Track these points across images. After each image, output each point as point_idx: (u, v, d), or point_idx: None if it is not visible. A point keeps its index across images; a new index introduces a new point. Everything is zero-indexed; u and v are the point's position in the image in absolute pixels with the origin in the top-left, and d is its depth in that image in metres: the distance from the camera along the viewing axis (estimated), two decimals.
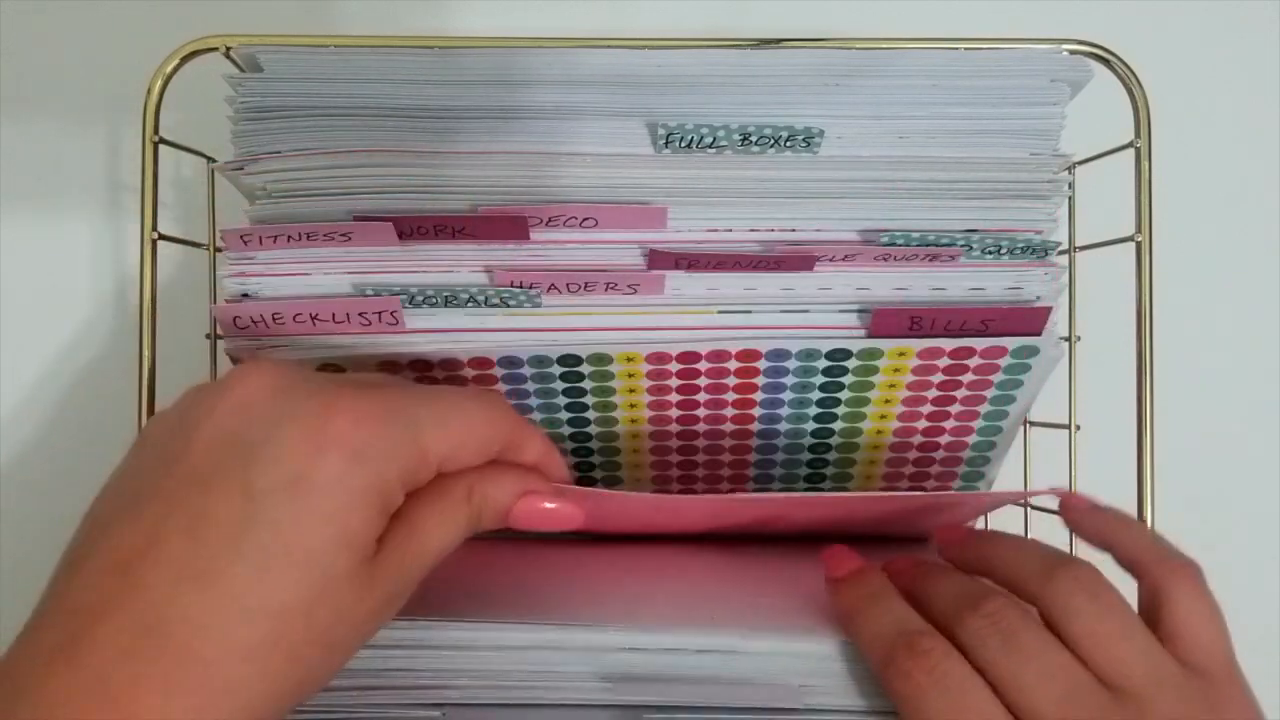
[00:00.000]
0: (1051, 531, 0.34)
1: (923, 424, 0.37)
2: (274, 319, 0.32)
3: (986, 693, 0.26)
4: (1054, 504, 0.34)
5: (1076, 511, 0.32)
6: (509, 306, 0.33)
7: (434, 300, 0.33)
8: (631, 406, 0.36)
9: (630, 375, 0.35)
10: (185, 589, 0.22)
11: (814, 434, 0.38)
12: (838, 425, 0.37)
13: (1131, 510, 0.34)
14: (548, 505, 0.28)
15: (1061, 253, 0.35)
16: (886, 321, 0.33)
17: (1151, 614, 0.28)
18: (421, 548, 0.25)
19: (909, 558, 0.32)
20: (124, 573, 0.22)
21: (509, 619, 0.29)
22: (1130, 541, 0.30)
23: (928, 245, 0.33)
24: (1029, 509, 0.39)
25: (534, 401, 0.36)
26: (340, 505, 0.23)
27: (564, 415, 0.36)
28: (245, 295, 0.33)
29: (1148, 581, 0.29)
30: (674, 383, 0.35)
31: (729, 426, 0.37)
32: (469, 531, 0.27)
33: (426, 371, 0.34)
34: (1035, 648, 0.27)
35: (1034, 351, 0.34)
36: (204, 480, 0.23)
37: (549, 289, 0.33)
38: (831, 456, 0.39)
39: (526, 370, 0.34)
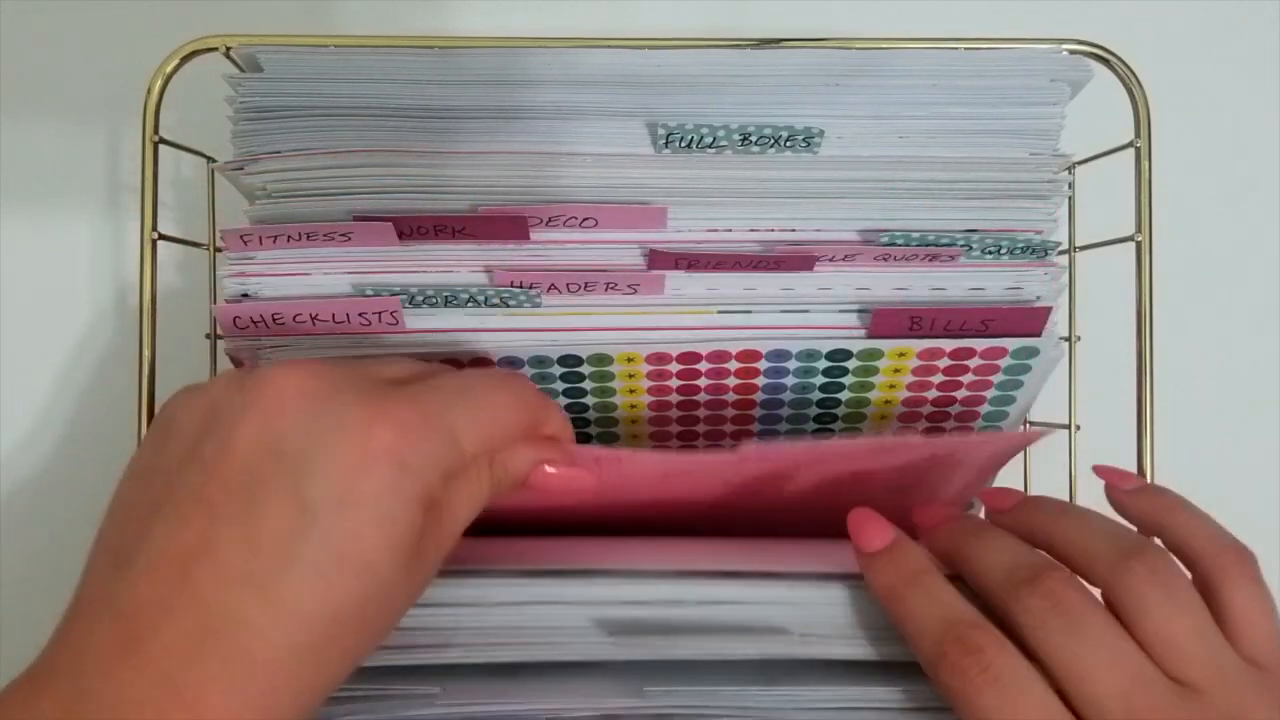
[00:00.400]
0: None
1: (923, 424, 0.37)
2: (274, 319, 0.32)
3: (1043, 686, 0.26)
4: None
5: (1124, 491, 0.31)
6: (509, 306, 0.33)
7: (434, 300, 0.33)
8: (632, 408, 0.36)
9: (630, 375, 0.34)
10: (243, 594, 0.23)
11: (813, 435, 0.38)
12: (837, 426, 0.37)
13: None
14: (564, 472, 0.29)
15: (1061, 253, 0.35)
16: (886, 322, 0.33)
17: (1207, 602, 0.27)
18: (453, 526, 0.27)
19: (947, 510, 0.31)
20: (179, 575, 0.23)
21: (508, 573, 0.29)
22: (1184, 527, 0.29)
23: (928, 245, 0.33)
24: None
25: None
26: (389, 514, 0.24)
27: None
28: (245, 295, 0.33)
29: (1203, 569, 0.28)
30: (674, 383, 0.35)
31: (729, 428, 0.37)
32: (491, 498, 0.28)
33: None
34: (1099, 634, 0.26)
35: (1034, 352, 0.34)
36: (252, 488, 0.24)
37: (549, 289, 0.33)
38: None
39: (527, 370, 0.34)
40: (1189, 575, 0.28)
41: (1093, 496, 0.36)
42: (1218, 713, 0.25)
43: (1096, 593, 0.27)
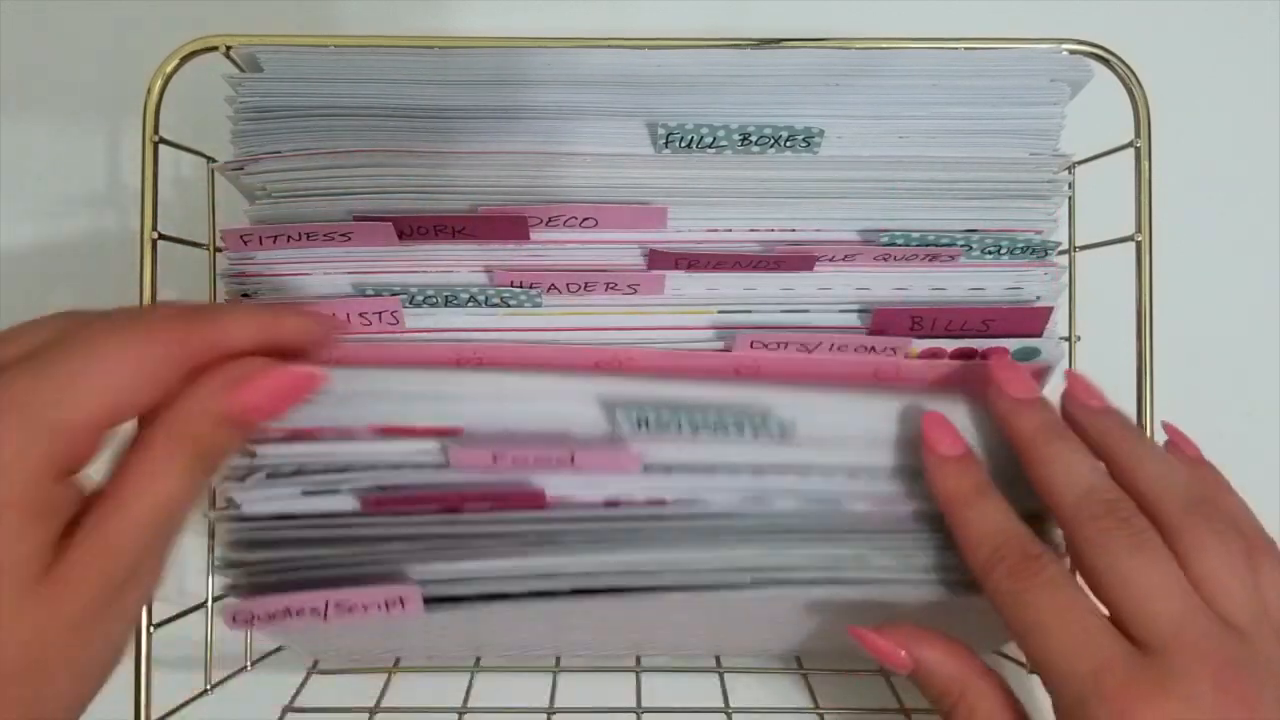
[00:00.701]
0: None
1: None
2: None
3: (1089, 597, 0.28)
4: None
5: (1185, 456, 0.32)
6: (509, 306, 0.33)
7: (434, 300, 0.33)
8: None
9: None
10: None
11: None
12: None
13: None
14: (282, 378, 0.25)
15: (1061, 253, 0.35)
16: (887, 322, 0.33)
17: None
18: (133, 519, 0.22)
19: (1031, 380, 0.32)
20: None
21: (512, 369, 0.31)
22: (1231, 506, 0.31)
23: (928, 245, 0.33)
24: None
25: None
26: None
27: None
28: (245, 295, 0.33)
29: (1244, 544, 0.29)
30: None
31: None
32: (207, 461, 0.24)
33: None
34: (1160, 558, 0.27)
35: (1035, 352, 0.34)
36: None
37: (549, 289, 0.33)
38: None
39: None
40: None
41: None
42: (1260, 656, 0.26)
43: None
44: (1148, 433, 0.34)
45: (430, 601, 0.30)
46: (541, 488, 0.31)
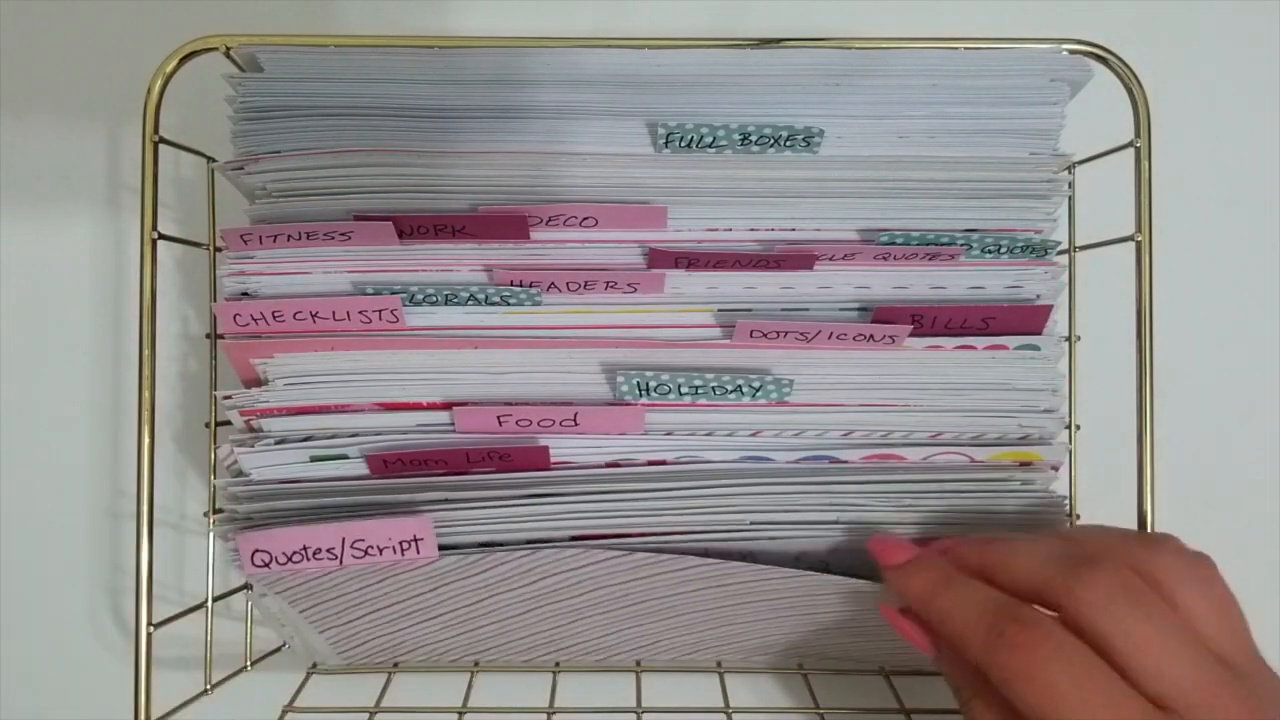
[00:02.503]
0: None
1: None
2: (274, 317, 0.32)
3: (1100, 660, 0.25)
4: None
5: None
6: (509, 305, 0.33)
7: (434, 299, 0.33)
8: None
9: None
10: None
11: None
12: None
13: (1132, 509, 0.34)
14: None
15: (1061, 252, 0.35)
16: (887, 320, 0.33)
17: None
18: None
19: (958, 539, 0.31)
20: None
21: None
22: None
23: (928, 244, 0.33)
24: None
25: None
26: None
27: None
28: (245, 294, 0.33)
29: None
30: None
31: None
32: None
33: None
34: (1161, 610, 0.26)
35: (1035, 350, 0.34)
36: None
37: (549, 288, 0.33)
38: None
39: None
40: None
41: (1092, 495, 0.36)
42: (1259, 688, 0.26)
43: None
44: (1145, 434, 0.34)
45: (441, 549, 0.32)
46: (546, 445, 0.32)
